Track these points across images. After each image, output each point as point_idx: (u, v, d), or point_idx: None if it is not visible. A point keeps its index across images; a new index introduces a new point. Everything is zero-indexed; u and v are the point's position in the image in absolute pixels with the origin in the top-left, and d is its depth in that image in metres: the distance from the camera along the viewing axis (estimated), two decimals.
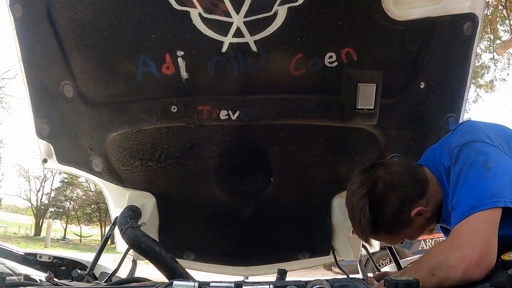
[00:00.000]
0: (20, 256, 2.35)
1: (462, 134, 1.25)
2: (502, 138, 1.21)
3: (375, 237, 1.38)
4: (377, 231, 1.33)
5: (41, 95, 1.59)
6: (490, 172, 1.10)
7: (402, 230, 1.33)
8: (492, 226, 1.03)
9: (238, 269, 2.05)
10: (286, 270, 1.17)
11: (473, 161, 1.14)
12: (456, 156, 1.19)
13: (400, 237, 1.37)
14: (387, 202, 1.29)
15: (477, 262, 0.99)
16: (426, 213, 1.30)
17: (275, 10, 1.30)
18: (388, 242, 1.44)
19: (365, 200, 1.30)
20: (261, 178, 1.77)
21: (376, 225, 1.31)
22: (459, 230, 1.06)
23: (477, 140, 1.18)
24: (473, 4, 1.41)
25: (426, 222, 1.33)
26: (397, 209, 1.28)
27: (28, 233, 27.98)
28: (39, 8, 1.40)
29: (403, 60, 1.48)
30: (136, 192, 1.82)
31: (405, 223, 1.31)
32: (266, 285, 0.91)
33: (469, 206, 1.06)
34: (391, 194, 1.29)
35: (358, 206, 1.32)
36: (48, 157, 1.75)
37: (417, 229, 1.35)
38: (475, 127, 1.26)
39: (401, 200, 1.29)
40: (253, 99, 1.49)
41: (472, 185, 1.10)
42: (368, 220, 1.30)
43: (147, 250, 1.50)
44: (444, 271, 1.01)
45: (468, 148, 1.18)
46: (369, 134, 1.62)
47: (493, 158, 1.13)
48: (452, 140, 1.25)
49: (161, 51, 1.39)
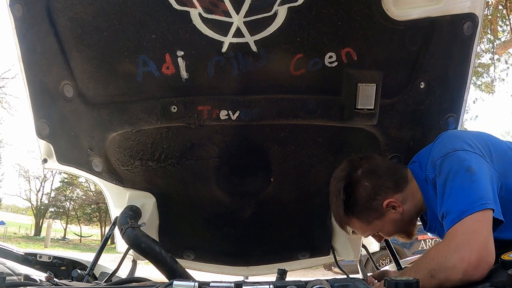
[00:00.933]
0: (20, 256, 2.35)
1: (443, 144, 1.28)
2: (482, 145, 1.24)
3: (348, 222, 1.42)
4: (349, 215, 1.39)
5: (41, 95, 1.59)
6: (475, 176, 1.12)
7: (374, 220, 1.37)
8: (486, 225, 1.04)
9: (238, 269, 2.06)
10: (286, 270, 1.17)
11: (458, 169, 1.16)
12: (439, 167, 1.22)
13: (372, 227, 1.40)
14: (361, 186, 1.35)
15: (477, 263, 0.99)
16: (399, 207, 1.33)
17: (275, 10, 1.30)
18: (360, 231, 1.45)
19: (342, 182, 1.37)
20: (261, 178, 1.77)
21: (348, 208, 1.37)
22: (454, 232, 1.06)
23: (459, 149, 1.21)
24: (473, 4, 1.41)
25: (401, 220, 1.36)
26: (369, 194, 1.34)
27: (28, 233, 28.00)
28: (39, 8, 1.40)
29: (403, 60, 1.48)
30: (136, 192, 1.82)
31: (376, 213, 1.35)
32: (266, 285, 0.91)
33: (459, 211, 1.07)
34: (366, 180, 1.35)
35: (335, 187, 1.39)
36: (48, 157, 1.75)
37: (391, 225, 1.37)
38: (455, 137, 1.29)
39: (374, 186, 1.34)
40: (253, 99, 1.49)
41: (460, 192, 1.12)
42: (341, 201, 1.36)
43: (147, 250, 1.50)
44: (443, 273, 1.02)
45: (451, 157, 1.20)
46: (369, 134, 1.62)
47: (476, 164, 1.16)
48: (434, 152, 1.28)
49: (161, 51, 1.39)
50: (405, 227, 1.40)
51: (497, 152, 1.24)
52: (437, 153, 1.26)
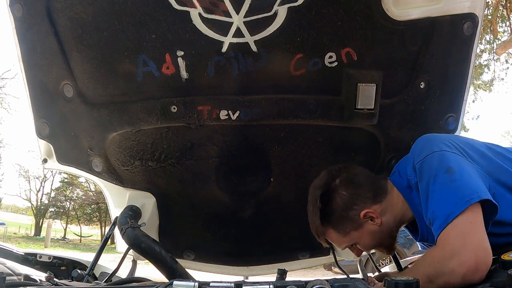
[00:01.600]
0: (20, 256, 2.35)
1: (421, 148, 1.26)
2: (460, 145, 1.23)
3: (325, 232, 1.38)
4: (325, 224, 1.36)
5: (41, 95, 1.59)
6: (455, 175, 1.11)
7: (351, 231, 1.34)
8: (478, 225, 1.03)
9: (238, 269, 2.05)
10: (286, 270, 1.16)
11: (437, 171, 1.14)
12: (419, 170, 1.21)
13: (349, 239, 1.36)
14: (338, 195, 1.33)
15: (476, 266, 0.98)
16: (377, 219, 1.30)
17: (275, 10, 1.30)
18: (337, 242, 1.41)
19: (319, 191, 1.35)
20: (261, 178, 1.77)
21: (325, 217, 1.34)
22: (446, 236, 1.05)
23: (436, 150, 1.19)
24: (473, 4, 1.41)
25: (379, 232, 1.33)
26: (346, 203, 1.32)
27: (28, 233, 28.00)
28: (39, 8, 1.40)
29: (403, 60, 1.48)
30: (136, 192, 1.82)
31: (353, 223, 1.32)
32: (266, 285, 0.90)
33: (444, 216, 1.06)
34: (344, 189, 1.33)
35: (312, 196, 1.37)
36: (48, 157, 1.75)
37: (369, 237, 1.34)
38: (432, 139, 1.28)
39: (351, 195, 1.32)
40: (253, 99, 1.49)
41: (442, 194, 1.10)
42: (317, 210, 1.34)
43: (147, 250, 1.50)
44: (442, 278, 1.01)
45: (430, 159, 1.19)
46: (369, 134, 1.62)
47: (455, 163, 1.14)
48: (414, 156, 1.26)
49: (161, 51, 1.39)
50: (384, 240, 1.36)
51: (478, 153, 1.22)
52: (417, 157, 1.24)
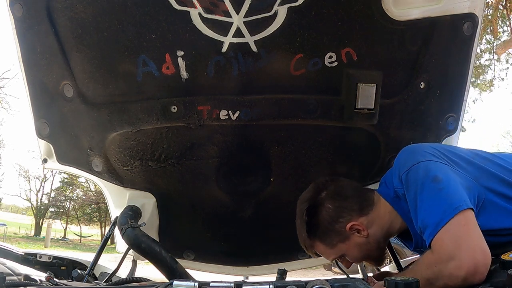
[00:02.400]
0: (20, 256, 2.35)
1: (406, 158, 1.26)
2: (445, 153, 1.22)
3: (312, 245, 1.40)
4: (312, 237, 1.38)
5: (41, 95, 1.59)
6: (442, 184, 1.11)
7: (338, 243, 1.35)
8: (471, 227, 1.03)
9: (238, 269, 2.06)
10: (286, 270, 1.16)
11: (423, 180, 1.14)
12: (406, 181, 1.21)
13: (336, 251, 1.38)
14: (324, 208, 1.35)
15: (475, 268, 0.97)
16: (364, 231, 1.32)
17: (275, 10, 1.30)
18: (325, 254, 1.43)
19: (305, 204, 1.37)
20: (261, 178, 1.77)
21: (311, 230, 1.36)
22: (440, 241, 1.04)
23: (422, 160, 1.19)
24: (473, 4, 1.41)
25: (366, 244, 1.33)
26: (331, 216, 1.33)
27: (28, 233, 27.99)
28: (39, 8, 1.40)
29: (403, 60, 1.48)
30: (136, 192, 1.82)
31: (340, 236, 1.34)
32: (266, 285, 0.90)
33: (434, 224, 1.06)
34: (330, 202, 1.35)
35: (299, 209, 1.39)
36: (48, 157, 1.75)
37: (356, 249, 1.35)
38: (416, 149, 1.28)
39: (337, 208, 1.33)
40: (253, 99, 1.49)
41: (430, 203, 1.10)
42: (303, 223, 1.36)
43: (147, 250, 1.50)
44: (441, 281, 1.01)
45: (415, 170, 1.19)
46: (369, 134, 1.62)
47: (441, 171, 1.14)
48: (399, 167, 1.26)
49: (161, 51, 1.39)
50: (371, 252, 1.36)
51: (464, 160, 1.22)
52: (402, 168, 1.24)
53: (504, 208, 1.14)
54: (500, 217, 1.13)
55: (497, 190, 1.16)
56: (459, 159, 1.22)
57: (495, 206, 1.14)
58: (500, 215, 1.13)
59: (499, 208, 1.14)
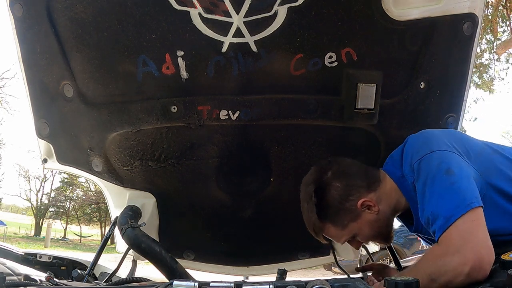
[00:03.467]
0: (20, 256, 2.35)
1: (419, 146, 1.23)
2: (458, 143, 1.21)
3: (323, 228, 1.36)
4: (323, 220, 1.33)
5: (41, 95, 1.59)
6: (454, 177, 1.09)
7: (349, 222, 1.32)
8: (479, 223, 1.03)
9: (238, 269, 2.06)
10: (286, 270, 1.16)
11: (436, 171, 1.12)
12: (417, 170, 1.18)
13: (348, 231, 1.34)
14: (332, 187, 1.31)
15: (479, 264, 0.98)
16: (375, 207, 1.29)
17: (275, 10, 1.30)
18: (336, 237, 1.39)
19: (312, 186, 1.32)
20: (261, 178, 1.77)
21: (321, 212, 1.31)
22: (449, 236, 1.04)
23: (436, 149, 1.17)
24: (473, 4, 1.41)
25: (377, 221, 1.31)
26: (341, 195, 1.30)
27: (28, 233, 28.01)
28: (39, 8, 1.40)
29: (403, 60, 1.48)
30: (136, 192, 1.82)
31: (351, 214, 1.31)
32: (266, 285, 0.90)
33: (445, 218, 1.05)
34: (337, 181, 1.31)
35: (305, 193, 1.34)
36: (48, 157, 1.75)
37: (367, 227, 1.32)
38: (430, 136, 1.25)
39: (346, 186, 1.30)
40: (253, 99, 1.49)
41: (441, 196, 1.09)
42: (313, 206, 1.31)
43: (147, 250, 1.50)
44: (445, 277, 1.00)
45: (428, 159, 1.17)
46: (369, 134, 1.62)
47: (455, 164, 1.13)
48: (412, 154, 1.24)
49: (161, 51, 1.39)
50: (382, 229, 1.35)
51: (474, 151, 1.21)
52: (415, 156, 1.22)
53: (502, 207, 1.15)
54: (497, 217, 1.13)
55: (499, 187, 1.16)
56: (470, 149, 1.20)
57: (494, 204, 1.14)
58: (497, 215, 1.13)
59: (497, 207, 1.14)
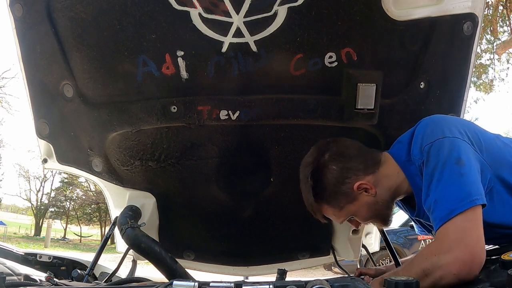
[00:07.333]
0: (20, 256, 2.35)
1: (432, 130, 1.21)
2: (471, 133, 1.20)
3: (320, 209, 1.37)
4: (319, 201, 1.35)
5: (41, 95, 1.59)
6: (464, 168, 1.08)
7: (346, 204, 1.33)
8: (477, 224, 1.03)
9: (238, 269, 2.06)
10: (286, 270, 1.17)
11: (447, 159, 1.11)
12: (427, 153, 1.16)
13: (345, 213, 1.35)
14: (328, 170, 1.31)
15: (471, 262, 0.99)
16: (372, 189, 1.29)
17: (275, 10, 1.30)
18: (334, 217, 1.40)
19: (309, 168, 1.34)
20: (261, 178, 1.77)
21: (318, 193, 1.33)
22: (445, 231, 1.05)
23: (449, 135, 1.16)
24: (473, 4, 1.41)
25: (375, 203, 1.31)
26: (337, 178, 1.30)
27: (28, 233, 28.02)
28: (39, 8, 1.40)
29: (403, 60, 1.48)
30: (136, 192, 1.82)
31: (348, 197, 1.31)
32: (266, 285, 0.90)
33: (447, 210, 1.05)
34: (333, 163, 1.32)
35: (303, 174, 1.36)
36: (48, 157, 1.75)
37: (365, 208, 1.33)
38: (443, 122, 1.23)
39: (342, 169, 1.31)
40: (253, 99, 1.49)
41: (448, 186, 1.08)
42: (309, 187, 1.32)
43: (147, 250, 1.50)
44: (437, 272, 1.01)
45: (440, 145, 1.15)
46: (369, 134, 1.62)
47: (465, 154, 1.11)
48: (424, 136, 1.21)
49: (161, 51, 1.39)
50: (380, 211, 1.34)
51: (486, 142, 1.20)
52: (426, 139, 1.19)
53: (508, 201, 1.14)
54: (503, 211, 1.13)
55: (507, 180, 1.15)
56: (483, 140, 1.19)
57: (501, 198, 1.14)
58: (503, 209, 1.13)
59: (503, 201, 1.14)
